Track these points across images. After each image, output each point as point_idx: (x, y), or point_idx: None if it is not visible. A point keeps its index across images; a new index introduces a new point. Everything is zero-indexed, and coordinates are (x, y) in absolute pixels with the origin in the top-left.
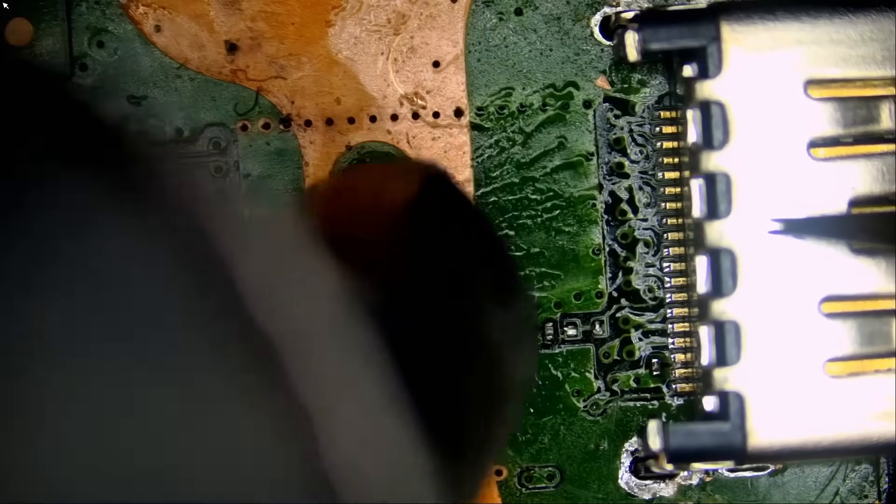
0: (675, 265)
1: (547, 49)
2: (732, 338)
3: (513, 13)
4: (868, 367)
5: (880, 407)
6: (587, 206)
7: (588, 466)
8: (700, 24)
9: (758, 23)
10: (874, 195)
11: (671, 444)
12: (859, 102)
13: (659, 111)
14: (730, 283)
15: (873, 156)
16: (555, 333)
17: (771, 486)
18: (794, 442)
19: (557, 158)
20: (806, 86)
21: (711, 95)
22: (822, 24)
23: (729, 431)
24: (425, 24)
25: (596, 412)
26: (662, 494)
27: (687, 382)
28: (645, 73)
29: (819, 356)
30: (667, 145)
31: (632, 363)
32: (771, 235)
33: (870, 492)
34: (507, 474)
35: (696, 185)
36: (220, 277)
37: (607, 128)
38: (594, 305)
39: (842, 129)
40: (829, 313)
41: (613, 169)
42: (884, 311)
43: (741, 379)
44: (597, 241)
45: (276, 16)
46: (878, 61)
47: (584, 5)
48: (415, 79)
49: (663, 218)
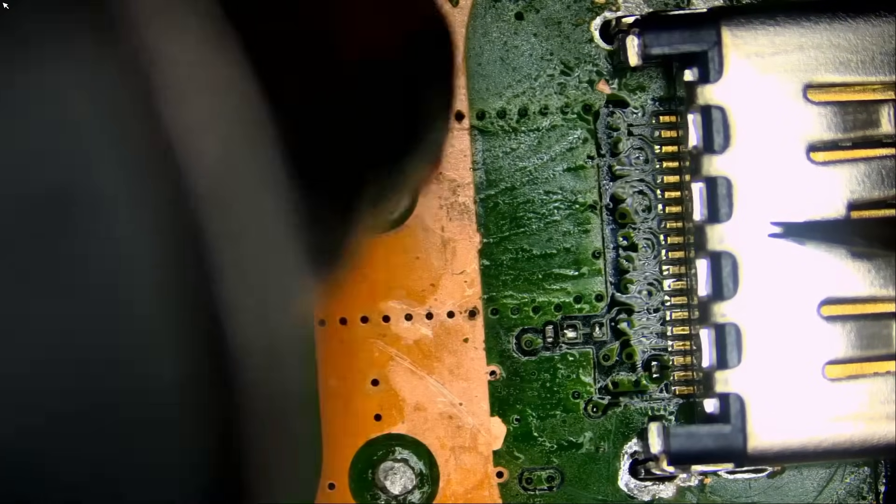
0: (675, 268)
1: (548, 53)
2: (733, 340)
3: (514, 17)
4: (867, 369)
5: (879, 409)
6: (588, 210)
7: (588, 468)
8: (701, 29)
9: (758, 27)
10: (873, 199)
11: (672, 446)
12: (859, 107)
13: (659, 115)
14: (730, 286)
15: (872, 160)
16: (555, 336)
17: (769, 487)
18: (794, 444)
19: (558, 162)
20: (806, 90)
21: (712, 100)
22: (822, 28)
23: (729, 433)
24: None
25: (596, 414)
26: (662, 496)
27: (686, 385)
28: (645, 77)
29: (819, 359)
30: (667, 149)
31: (631, 366)
32: (771, 239)
33: (868, 493)
34: (507, 476)
35: (696, 188)
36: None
37: (608, 132)
38: (594, 308)
39: (841, 133)
40: (828, 316)
41: (614, 173)
42: (883, 314)
43: (742, 381)
44: (597, 245)
45: None
46: (878, 66)
47: (584, 10)
48: None
49: (663, 221)
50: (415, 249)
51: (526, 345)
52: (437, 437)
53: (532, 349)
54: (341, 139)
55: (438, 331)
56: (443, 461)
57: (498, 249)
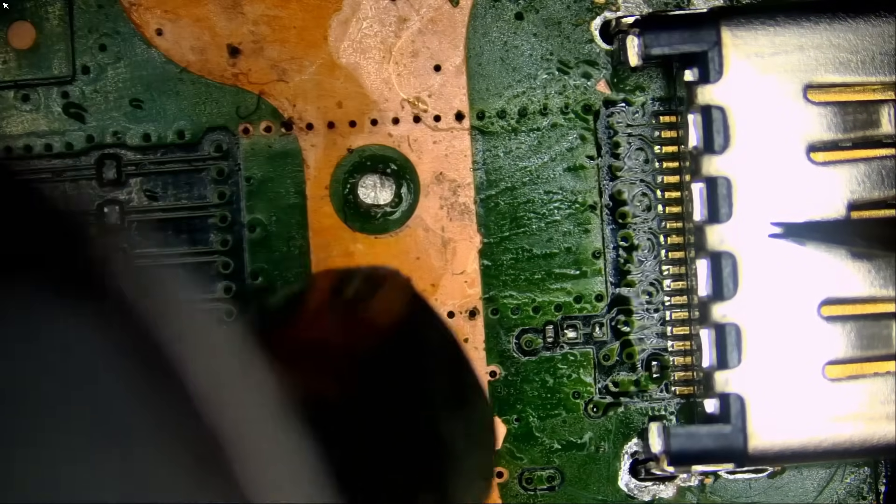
0: (675, 268)
1: (548, 53)
2: (733, 341)
3: (514, 17)
4: (867, 369)
5: (879, 409)
6: (588, 210)
7: (588, 468)
8: (701, 30)
9: (758, 28)
10: (873, 199)
11: (672, 447)
12: (859, 107)
13: (659, 115)
14: (730, 286)
15: (872, 160)
16: (555, 336)
17: (769, 487)
18: (794, 444)
19: (558, 162)
20: (806, 90)
21: (712, 100)
22: (822, 29)
23: (730, 434)
24: (427, 28)
25: (596, 414)
26: (662, 496)
27: (686, 385)
28: (644, 77)
29: (819, 359)
30: (667, 149)
31: (632, 366)
32: (771, 239)
33: (868, 493)
34: (507, 476)
35: (697, 188)
36: (167, 373)
37: (608, 132)
38: (594, 308)
39: (841, 133)
40: (828, 316)
41: (614, 173)
42: (883, 315)
43: (742, 381)
44: (597, 245)
45: (278, 19)
46: (878, 66)
47: (584, 10)
48: (416, 82)
49: (663, 221)
50: (415, 249)
51: (526, 345)
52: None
53: (532, 349)
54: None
55: None
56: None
57: (498, 249)
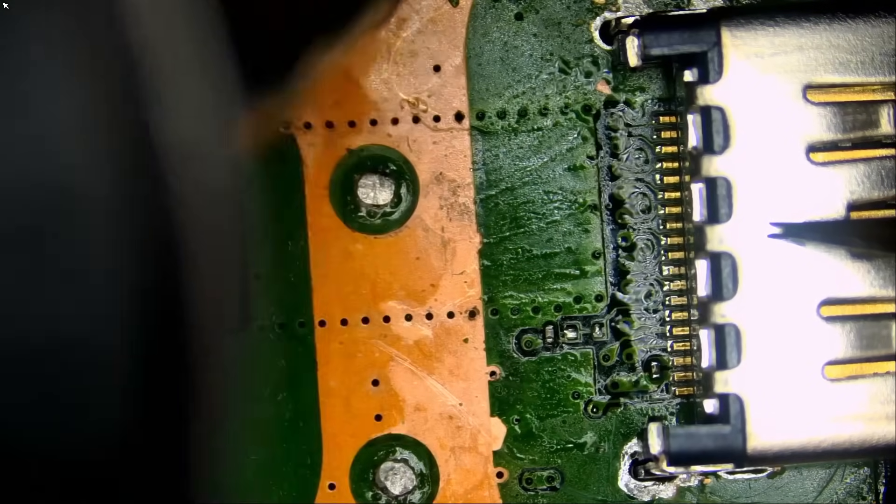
0: (675, 269)
1: (547, 53)
2: (733, 341)
3: (514, 17)
4: (867, 370)
5: (879, 409)
6: (587, 210)
7: (588, 468)
8: (701, 30)
9: (758, 28)
10: (873, 199)
11: (672, 447)
12: (858, 107)
13: (659, 115)
14: (730, 286)
15: (872, 160)
16: (555, 336)
17: (769, 487)
18: (793, 444)
19: (558, 162)
20: (805, 90)
21: (712, 100)
22: (821, 29)
23: (729, 434)
24: (426, 27)
25: (596, 414)
26: (662, 496)
27: (686, 385)
28: (644, 77)
29: (818, 359)
30: (667, 150)
31: (631, 366)
32: (771, 239)
33: (867, 494)
34: (507, 476)
35: (696, 189)
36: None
37: (607, 132)
38: (594, 309)
39: (841, 133)
40: (828, 317)
41: (614, 173)
42: (882, 315)
43: (741, 382)
44: (597, 245)
45: None
46: (878, 66)
47: (584, 10)
48: (416, 83)
49: (663, 222)
50: (415, 250)
51: (526, 345)
52: (437, 438)
53: (532, 349)
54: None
55: (438, 331)
56: (443, 461)
57: (498, 250)
